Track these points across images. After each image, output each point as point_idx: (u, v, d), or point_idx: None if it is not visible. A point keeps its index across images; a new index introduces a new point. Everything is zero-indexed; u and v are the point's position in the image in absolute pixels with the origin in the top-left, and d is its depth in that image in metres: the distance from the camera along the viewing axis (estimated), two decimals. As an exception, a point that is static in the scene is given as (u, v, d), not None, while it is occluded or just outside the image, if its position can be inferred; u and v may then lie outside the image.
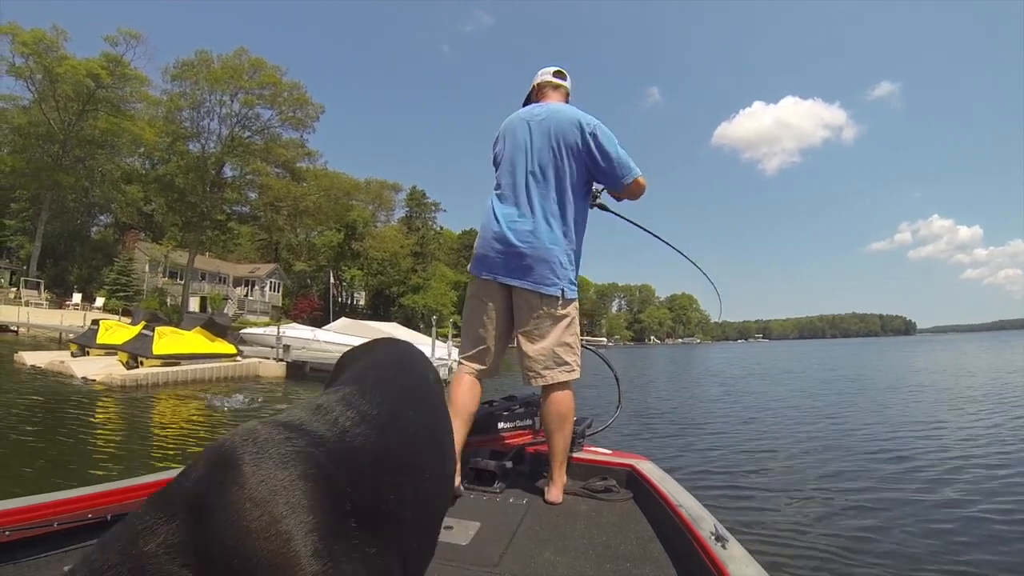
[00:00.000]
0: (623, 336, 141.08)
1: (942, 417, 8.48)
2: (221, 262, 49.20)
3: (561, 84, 2.35)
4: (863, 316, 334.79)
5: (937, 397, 11.22)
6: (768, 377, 18.66)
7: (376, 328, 17.85)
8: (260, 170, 35.13)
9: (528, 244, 2.04)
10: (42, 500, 1.41)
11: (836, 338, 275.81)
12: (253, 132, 35.42)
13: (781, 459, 5.92)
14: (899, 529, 3.64)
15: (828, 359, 31.39)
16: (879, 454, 5.95)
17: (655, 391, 14.35)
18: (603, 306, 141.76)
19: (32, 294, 31.48)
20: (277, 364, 14.76)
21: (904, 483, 4.77)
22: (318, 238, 54.41)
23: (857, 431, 7.42)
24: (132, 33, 33.22)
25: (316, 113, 36.27)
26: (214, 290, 45.22)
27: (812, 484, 4.81)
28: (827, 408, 9.93)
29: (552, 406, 2.07)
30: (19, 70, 30.85)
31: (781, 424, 8.26)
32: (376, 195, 61.26)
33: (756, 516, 3.95)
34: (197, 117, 34.24)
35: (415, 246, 56.98)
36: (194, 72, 32.87)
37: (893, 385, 14.24)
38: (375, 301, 55.97)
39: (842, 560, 3.17)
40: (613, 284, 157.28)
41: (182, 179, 33.99)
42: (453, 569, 1.44)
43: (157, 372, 11.39)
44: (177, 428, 7.30)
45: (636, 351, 71.01)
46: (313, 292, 52.77)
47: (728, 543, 1.29)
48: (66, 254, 38.57)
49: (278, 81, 34.22)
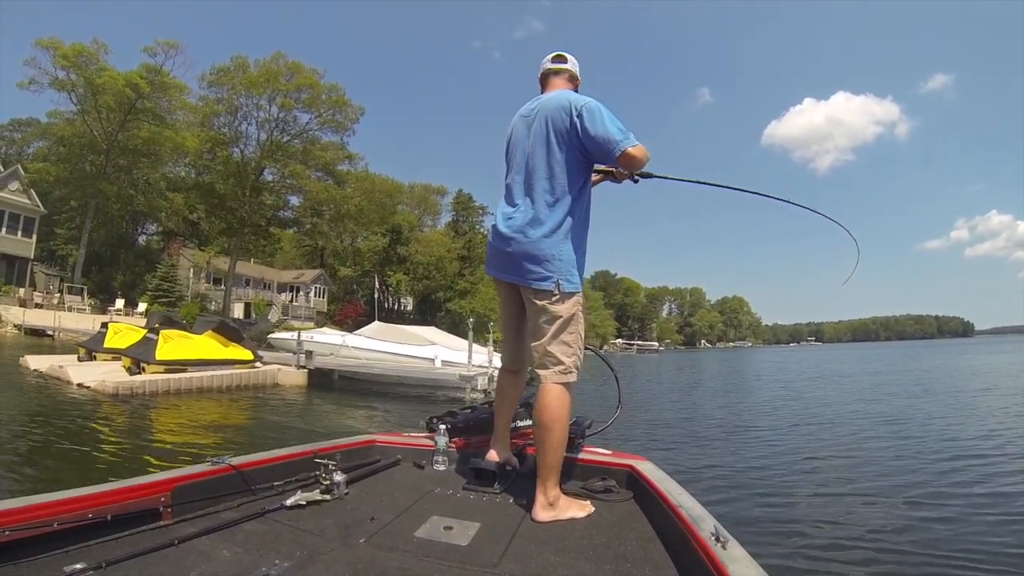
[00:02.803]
0: (674, 340, 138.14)
1: (951, 420, 8.69)
2: (266, 268, 49.01)
3: (561, 68, 2.31)
4: (918, 318, 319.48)
5: (953, 402, 11.30)
6: (808, 381, 19.26)
7: (411, 332, 16.45)
8: (298, 173, 34.17)
9: (519, 239, 2.03)
10: (42, 500, 1.41)
11: (891, 340, 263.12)
12: (292, 136, 34.70)
13: (782, 459, 6.06)
14: (900, 530, 3.69)
15: (874, 362, 32.20)
16: (879, 455, 6.13)
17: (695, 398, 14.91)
18: (653, 310, 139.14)
19: (75, 300, 31.42)
20: (298, 372, 13.62)
21: (905, 484, 4.87)
22: (363, 243, 53.71)
23: (861, 433, 7.78)
24: (170, 43, 33.00)
25: (356, 115, 35.14)
26: (258, 296, 44.77)
27: (813, 484, 4.96)
28: (841, 411, 10.34)
29: (539, 412, 1.95)
30: (62, 83, 31.00)
31: (784, 425, 8.60)
32: (421, 199, 60.21)
33: (756, 517, 3.99)
34: (235, 122, 33.71)
35: (462, 250, 55.61)
36: (230, 78, 32.30)
37: (905, 388, 14.64)
38: (422, 306, 54.77)
39: (843, 561, 3.20)
40: (663, 288, 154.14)
41: (222, 185, 33.61)
42: (453, 569, 1.44)
43: (157, 379, 10.34)
44: (143, 440, 6.64)
45: (687, 355, 71.39)
46: (359, 297, 51.96)
47: (728, 544, 1.27)
48: (111, 261, 38.89)
49: (316, 83, 33.32)
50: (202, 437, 7.18)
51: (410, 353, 14.97)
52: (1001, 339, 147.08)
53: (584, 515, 1.87)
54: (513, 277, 2.08)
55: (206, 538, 1.53)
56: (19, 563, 1.28)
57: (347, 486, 2.02)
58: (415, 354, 14.93)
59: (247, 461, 1.99)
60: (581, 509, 1.90)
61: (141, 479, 1.68)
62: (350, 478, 2.09)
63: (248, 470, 1.95)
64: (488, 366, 13.43)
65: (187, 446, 6.42)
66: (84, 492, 1.51)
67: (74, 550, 1.37)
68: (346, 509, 1.86)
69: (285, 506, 1.81)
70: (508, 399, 2.38)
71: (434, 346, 15.21)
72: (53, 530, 1.36)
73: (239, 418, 9.23)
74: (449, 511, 1.87)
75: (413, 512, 1.85)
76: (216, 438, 7.09)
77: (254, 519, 1.71)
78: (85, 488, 1.55)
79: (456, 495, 2.09)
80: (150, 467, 5.16)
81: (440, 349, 14.93)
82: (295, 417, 9.48)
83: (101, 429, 7.04)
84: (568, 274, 1.99)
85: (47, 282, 34.22)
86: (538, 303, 2.00)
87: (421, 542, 1.60)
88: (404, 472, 2.42)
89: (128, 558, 1.33)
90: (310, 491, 1.93)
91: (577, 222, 2.05)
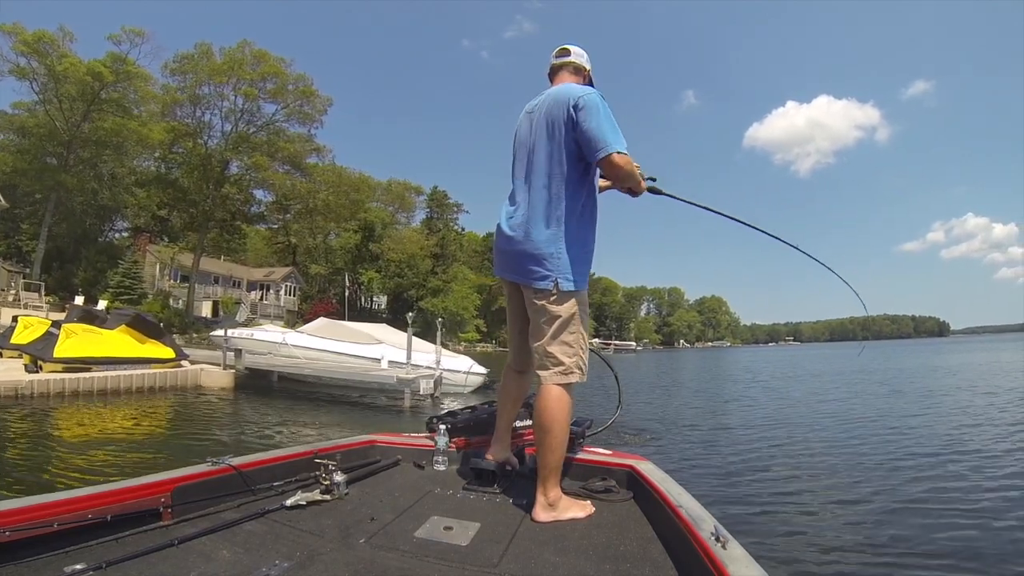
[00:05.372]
0: (652, 340, 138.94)
1: (953, 421, 8.55)
2: (235, 265, 48.37)
3: (565, 61, 2.26)
4: (895, 318, 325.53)
5: (946, 401, 11.18)
6: (789, 381, 18.89)
7: (358, 330, 15.25)
8: (260, 164, 33.23)
9: (519, 237, 2.00)
10: (42, 500, 1.42)
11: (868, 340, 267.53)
12: (258, 128, 33.92)
13: (781, 460, 5.99)
14: (900, 530, 3.65)
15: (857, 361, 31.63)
16: (880, 456, 6.06)
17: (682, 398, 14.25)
18: (632, 310, 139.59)
19: (32, 296, 30.32)
20: (224, 372, 12.38)
21: (905, 484, 4.83)
22: (335, 240, 53.15)
23: (859, 434, 7.60)
24: (136, 31, 31.83)
25: (324, 106, 34.45)
26: (227, 294, 44.12)
27: (813, 485, 4.91)
28: (830, 410, 10.18)
29: (539, 414, 1.93)
30: (22, 71, 30.08)
31: (784, 426, 8.45)
32: (398, 196, 59.72)
33: (757, 516, 3.97)
34: (197, 112, 32.84)
35: (435, 248, 55.27)
36: (194, 65, 31.42)
37: (897, 388, 14.35)
38: (395, 304, 54.40)
39: (843, 561, 3.18)
40: (642, 287, 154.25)
41: (186, 178, 32.76)
42: (453, 569, 1.44)
43: (50, 380, 9.31)
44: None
45: (665, 355, 70.63)
46: (331, 296, 51.36)
47: (728, 543, 1.28)
48: (73, 257, 37.91)
49: (281, 72, 32.52)
50: (56, 455, 5.77)
51: (354, 352, 13.79)
52: (977, 339, 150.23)
53: (584, 515, 1.87)
54: (515, 276, 2.06)
55: (206, 538, 1.54)
56: (19, 563, 1.29)
57: (347, 486, 2.03)
58: (359, 353, 13.71)
59: (247, 461, 2.01)
60: (581, 509, 1.89)
61: (141, 479, 1.68)
62: (350, 478, 2.10)
63: (248, 470, 1.96)
64: (436, 368, 12.24)
65: (23, 467, 5.29)
66: (84, 492, 1.52)
67: (74, 550, 1.38)
68: (346, 509, 1.87)
69: (285, 506, 1.82)
70: (511, 399, 2.36)
71: (380, 345, 13.86)
72: (53, 530, 1.37)
73: (133, 428, 7.69)
74: (449, 511, 1.88)
75: (413, 512, 1.86)
76: (73, 459, 5.62)
77: (254, 519, 1.72)
78: (85, 488, 1.56)
79: (456, 495, 2.10)
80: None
81: (387, 348, 13.56)
82: (202, 427, 8.09)
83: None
84: (567, 273, 1.95)
85: (9, 278, 33.12)
86: (537, 302, 1.98)
87: (421, 542, 1.61)
88: (404, 472, 2.43)
89: (128, 558, 1.34)
90: (310, 491, 1.95)
91: (579, 220, 2.00)
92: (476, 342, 70.02)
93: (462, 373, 13.24)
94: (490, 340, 75.99)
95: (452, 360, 13.69)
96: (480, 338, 72.71)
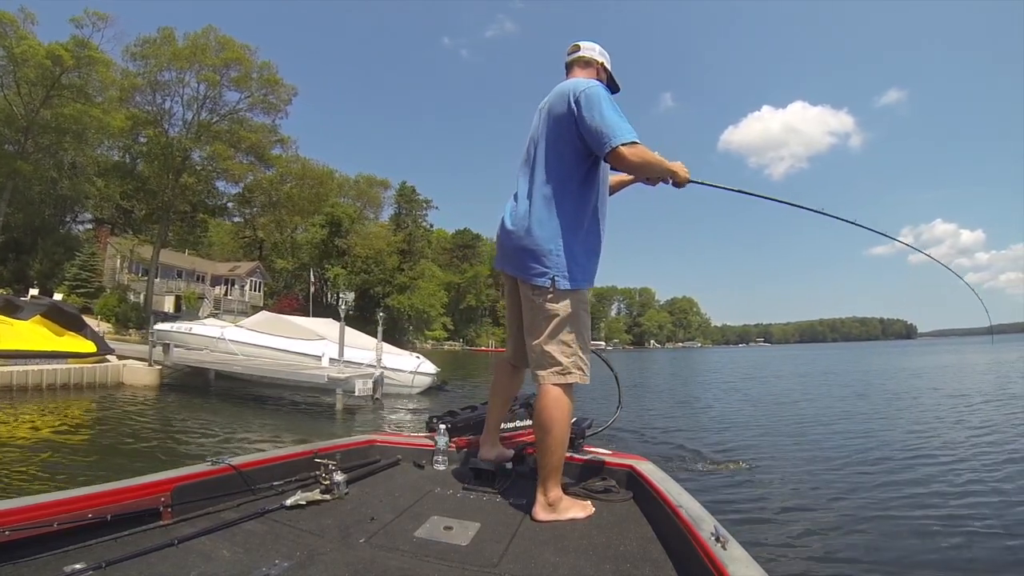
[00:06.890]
0: (622, 340, 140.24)
1: (941, 419, 8.54)
2: (199, 259, 47.43)
3: (576, 56, 2.23)
4: (864, 320, 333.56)
5: (935, 401, 11.09)
6: (764, 381, 18.68)
7: (300, 325, 14.31)
8: (221, 153, 32.62)
9: (519, 233, 1.98)
10: (42, 500, 1.41)
11: (837, 342, 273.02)
12: (221, 116, 33.27)
13: (782, 460, 5.89)
14: (899, 531, 3.65)
15: (830, 363, 31.49)
16: (879, 456, 5.97)
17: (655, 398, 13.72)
18: (602, 309, 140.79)
19: (-19, 289, 29.47)
20: (149, 369, 11.82)
21: (905, 484, 4.78)
22: (301, 235, 52.60)
23: (855, 434, 7.46)
24: (99, 14, 31.22)
25: (288, 96, 34.01)
26: (190, 288, 43.43)
27: (814, 486, 4.82)
28: (826, 411, 9.90)
29: (538, 414, 1.91)
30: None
31: (783, 426, 8.30)
32: (363, 191, 59.21)
33: (757, 517, 3.93)
34: (156, 99, 32.09)
35: (402, 244, 55.18)
36: (155, 50, 30.71)
37: (892, 389, 14.22)
38: (362, 301, 54.24)
39: (843, 561, 3.16)
40: (612, 287, 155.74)
41: (146, 167, 31.96)
42: (453, 569, 1.44)
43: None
44: None
45: (635, 355, 69.83)
46: (297, 291, 50.92)
47: (728, 544, 1.28)
48: (30, 248, 36.79)
49: (245, 59, 31.93)
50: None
51: (294, 349, 12.76)
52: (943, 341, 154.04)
53: (584, 515, 1.87)
54: (513, 270, 2.04)
55: (206, 538, 1.54)
56: (19, 563, 1.28)
57: (347, 486, 2.03)
58: (299, 350, 12.62)
59: (247, 461, 2.01)
60: (581, 509, 1.90)
61: (141, 479, 1.68)
62: (350, 478, 2.11)
63: (248, 470, 1.97)
64: (376, 366, 11.15)
65: None
66: (84, 492, 1.52)
67: (74, 550, 1.38)
68: (346, 509, 1.88)
69: (285, 506, 1.82)
70: (503, 394, 2.37)
71: (322, 341, 12.68)
72: (53, 530, 1.37)
73: (26, 432, 6.65)
74: (449, 511, 1.88)
75: (413, 512, 1.86)
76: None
77: (254, 519, 1.72)
78: (85, 488, 1.55)
79: (456, 495, 2.09)
80: None
81: (330, 345, 12.19)
82: (107, 434, 6.85)
83: None
84: (566, 270, 1.92)
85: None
86: (534, 299, 1.96)
87: (421, 542, 1.61)
88: (404, 472, 2.43)
89: (128, 558, 1.34)
90: (310, 491, 1.95)
91: (581, 217, 1.98)
92: (443, 340, 70.13)
93: (408, 373, 12.27)
94: (458, 339, 76.06)
95: (397, 358, 12.64)
96: (448, 336, 72.73)
